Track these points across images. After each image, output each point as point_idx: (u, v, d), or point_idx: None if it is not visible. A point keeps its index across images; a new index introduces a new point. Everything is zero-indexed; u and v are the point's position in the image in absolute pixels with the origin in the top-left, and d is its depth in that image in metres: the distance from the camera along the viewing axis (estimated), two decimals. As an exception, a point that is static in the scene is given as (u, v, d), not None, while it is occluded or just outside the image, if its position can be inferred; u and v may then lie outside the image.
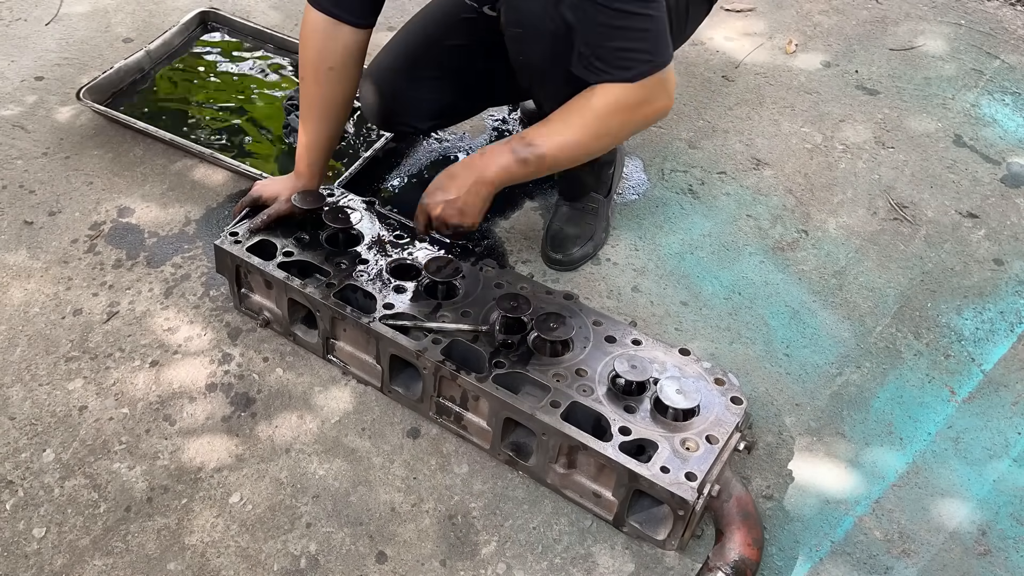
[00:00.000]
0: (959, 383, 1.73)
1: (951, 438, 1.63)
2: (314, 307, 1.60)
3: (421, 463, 1.54)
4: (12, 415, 1.57)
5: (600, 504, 1.45)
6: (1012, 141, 2.28)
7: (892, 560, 1.46)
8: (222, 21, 2.38)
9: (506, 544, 1.44)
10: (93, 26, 2.44)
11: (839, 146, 2.23)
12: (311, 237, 1.68)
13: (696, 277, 1.88)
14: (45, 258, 1.83)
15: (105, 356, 1.66)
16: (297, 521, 1.45)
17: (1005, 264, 1.97)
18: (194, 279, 1.80)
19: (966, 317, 1.85)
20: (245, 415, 1.59)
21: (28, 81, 2.25)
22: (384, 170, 2.07)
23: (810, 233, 2.00)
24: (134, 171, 2.03)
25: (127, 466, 1.51)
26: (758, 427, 1.62)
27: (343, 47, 1.62)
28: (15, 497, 1.46)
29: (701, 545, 1.44)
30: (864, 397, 1.69)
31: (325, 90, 1.65)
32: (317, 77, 1.64)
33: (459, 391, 1.51)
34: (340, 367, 1.66)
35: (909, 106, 2.36)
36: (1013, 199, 2.12)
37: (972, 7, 2.75)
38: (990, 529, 1.50)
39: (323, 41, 1.61)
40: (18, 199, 1.95)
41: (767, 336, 1.78)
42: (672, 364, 1.50)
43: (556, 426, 1.39)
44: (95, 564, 1.38)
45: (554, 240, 1.88)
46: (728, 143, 2.19)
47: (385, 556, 1.42)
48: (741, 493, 1.40)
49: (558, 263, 1.87)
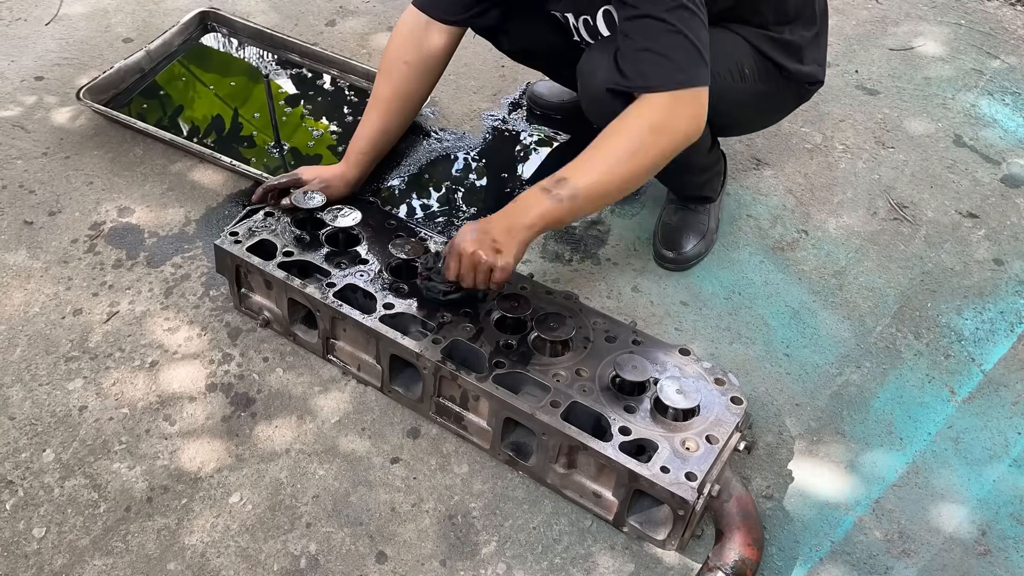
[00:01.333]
0: (959, 383, 1.73)
1: (951, 438, 1.63)
2: (314, 307, 1.60)
3: (421, 463, 1.54)
4: (12, 415, 1.57)
5: (600, 504, 1.45)
6: (1012, 141, 2.28)
7: (892, 560, 1.46)
8: (222, 21, 2.38)
9: (506, 544, 1.44)
10: (93, 26, 2.44)
11: (839, 146, 2.23)
12: (311, 237, 1.68)
13: (696, 277, 1.88)
14: (45, 258, 1.83)
15: (105, 356, 1.66)
16: (297, 521, 1.45)
17: (1005, 264, 1.97)
18: (194, 279, 1.80)
19: (966, 317, 1.85)
20: (245, 415, 1.59)
21: (28, 81, 2.25)
22: (384, 170, 2.06)
23: (810, 233, 2.00)
24: (134, 171, 2.03)
25: (127, 466, 1.51)
26: (758, 427, 1.62)
27: (425, 45, 1.66)
28: (15, 497, 1.46)
29: (701, 545, 1.44)
30: (864, 397, 1.69)
31: (395, 83, 1.68)
32: (390, 69, 1.67)
33: (459, 391, 1.51)
34: (340, 367, 1.66)
35: (909, 106, 2.36)
36: (1013, 199, 2.12)
37: (972, 7, 2.75)
38: (990, 529, 1.50)
39: (408, 36, 1.66)
40: (18, 199, 1.95)
41: (767, 336, 1.78)
42: (672, 364, 1.50)
43: (556, 426, 1.39)
44: (95, 564, 1.38)
45: (667, 238, 1.87)
46: (728, 143, 2.18)
47: (385, 556, 1.42)
48: (741, 493, 1.40)
49: (671, 261, 1.86)
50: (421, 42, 1.68)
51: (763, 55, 1.62)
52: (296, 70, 2.31)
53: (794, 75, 1.67)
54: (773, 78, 1.66)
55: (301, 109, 2.20)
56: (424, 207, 2.00)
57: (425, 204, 2.01)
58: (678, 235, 1.87)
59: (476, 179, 2.09)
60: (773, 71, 1.65)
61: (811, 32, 1.67)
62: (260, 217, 1.72)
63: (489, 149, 2.16)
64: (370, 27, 2.50)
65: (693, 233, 1.87)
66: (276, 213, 1.73)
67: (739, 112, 1.72)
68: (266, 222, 1.71)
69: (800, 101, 1.79)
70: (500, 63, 2.37)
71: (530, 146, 2.18)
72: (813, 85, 1.74)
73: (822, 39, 1.72)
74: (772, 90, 1.68)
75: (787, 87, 1.70)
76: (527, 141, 2.20)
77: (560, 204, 1.42)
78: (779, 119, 1.89)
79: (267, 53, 2.34)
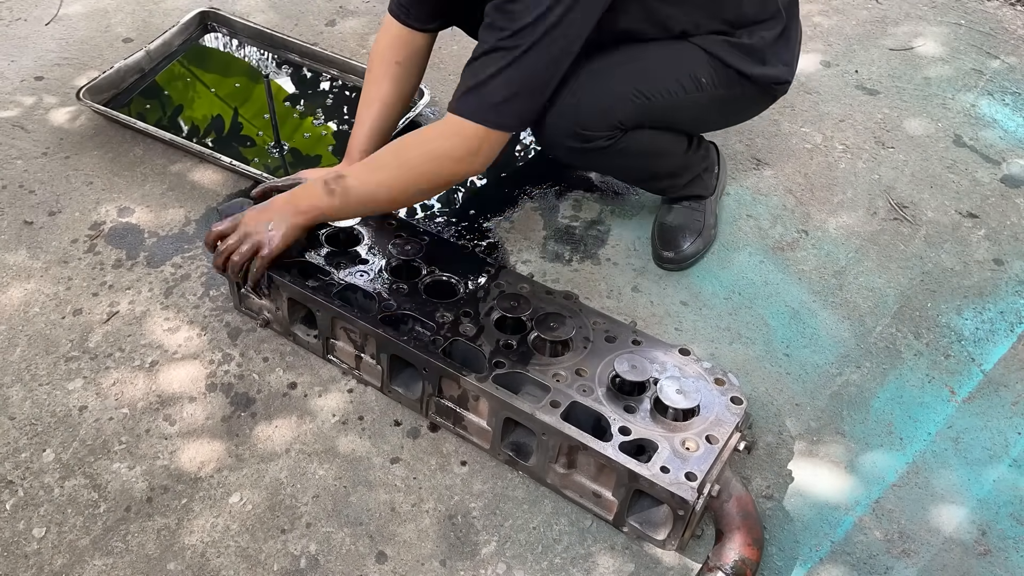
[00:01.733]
0: (959, 383, 1.73)
1: (951, 438, 1.63)
2: (314, 307, 1.60)
3: (421, 463, 1.54)
4: (12, 415, 1.57)
5: (600, 504, 1.45)
6: (1012, 141, 2.28)
7: (892, 560, 1.46)
8: (222, 21, 2.38)
9: (506, 544, 1.44)
10: (93, 26, 2.44)
11: (839, 146, 2.23)
12: (311, 237, 1.68)
13: (696, 277, 1.88)
14: (45, 258, 1.83)
15: (105, 356, 1.66)
16: (297, 521, 1.45)
17: (1005, 264, 1.97)
18: (194, 279, 1.80)
19: (966, 317, 1.85)
20: (245, 415, 1.59)
21: (28, 81, 2.25)
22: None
23: (810, 233, 2.00)
24: (134, 171, 2.03)
25: (127, 466, 1.51)
26: (758, 427, 1.62)
27: (412, 45, 1.75)
28: (15, 497, 1.46)
29: (701, 545, 1.44)
30: (864, 397, 1.69)
31: (392, 83, 1.76)
32: (384, 71, 1.76)
33: (459, 391, 1.51)
34: (340, 367, 1.66)
35: (909, 106, 2.36)
36: (1013, 199, 2.12)
37: (972, 7, 2.75)
38: (990, 529, 1.50)
39: (395, 37, 1.75)
40: (18, 199, 1.95)
41: (767, 336, 1.78)
42: (672, 364, 1.50)
43: (556, 426, 1.39)
44: (95, 564, 1.38)
45: (664, 237, 1.87)
46: (728, 143, 2.18)
47: (385, 556, 1.42)
48: (741, 493, 1.40)
49: (670, 261, 1.86)
50: (408, 43, 1.76)
51: (722, 62, 1.61)
52: (296, 70, 2.31)
53: (757, 78, 1.65)
54: (734, 83, 1.64)
55: (301, 109, 2.20)
56: (424, 207, 2.00)
57: (425, 204, 2.01)
58: (675, 234, 1.87)
59: (476, 179, 2.09)
60: (734, 76, 1.63)
61: (774, 32, 1.64)
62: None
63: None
64: (370, 27, 2.50)
65: (690, 231, 1.87)
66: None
67: (700, 119, 1.74)
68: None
69: (771, 100, 1.77)
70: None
71: (530, 146, 2.18)
72: (780, 85, 1.72)
73: (790, 35, 1.69)
74: (735, 95, 1.67)
75: (751, 90, 1.69)
76: (526, 140, 2.20)
77: (332, 200, 1.53)
78: (752, 116, 1.86)
79: (267, 53, 2.34)
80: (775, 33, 1.65)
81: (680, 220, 1.88)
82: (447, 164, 1.50)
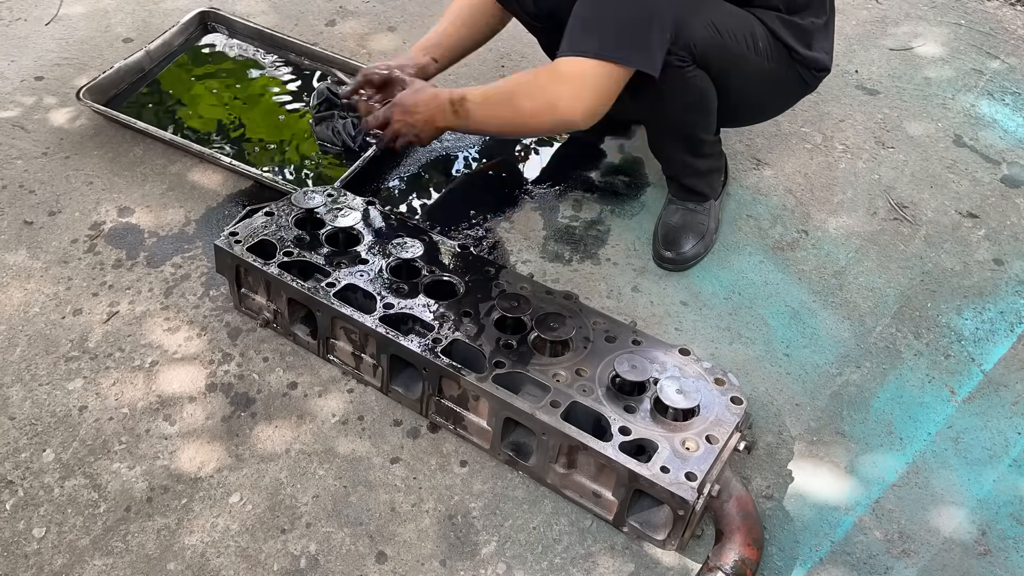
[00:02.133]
0: (959, 383, 1.73)
1: (951, 438, 1.63)
2: (314, 307, 1.60)
3: (421, 463, 1.54)
4: (12, 415, 1.57)
5: (600, 504, 1.45)
6: (1012, 141, 2.28)
7: (892, 560, 1.46)
8: (222, 21, 2.38)
9: (506, 544, 1.44)
10: (93, 26, 2.44)
11: (839, 146, 2.23)
12: (311, 237, 1.68)
13: (696, 277, 1.88)
14: (45, 258, 1.83)
15: (105, 356, 1.66)
16: (297, 521, 1.45)
17: (1005, 264, 1.97)
18: (194, 279, 1.80)
19: (966, 317, 1.85)
20: (245, 415, 1.59)
21: (28, 81, 2.25)
22: (384, 170, 2.07)
23: (810, 233, 2.00)
24: (134, 171, 2.03)
25: (127, 466, 1.51)
26: (758, 427, 1.62)
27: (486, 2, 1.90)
28: (15, 497, 1.46)
29: (701, 545, 1.44)
30: (864, 397, 1.69)
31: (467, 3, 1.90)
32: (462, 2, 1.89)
33: (459, 391, 1.51)
34: (340, 367, 1.66)
35: (909, 106, 2.36)
36: (1013, 199, 2.12)
37: (972, 7, 2.75)
38: (990, 529, 1.50)
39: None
40: (18, 199, 1.95)
41: (767, 336, 1.78)
42: (672, 364, 1.50)
43: (556, 426, 1.39)
44: (95, 564, 1.38)
45: (666, 237, 1.89)
46: (728, 143, 2.18)
47: (385, 556, 1.42)
48: (741, 493, 1.40)
49: (670, 261, 1.87)
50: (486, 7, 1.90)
51: (775, 36, 1.69)
52: (296, 70, 2.30)
53: (803, 59, 1.73)
54: (783, 59, 1.71)
55: (301, 109, 2.20)
56: (424, 207, 2.00)
57: (425, 204, 2.01)
58: (677, 235, 1.87)
59: (476, 179, 2.09)
60: (784, 52, 1.71)
61: (821, 20, 1.75)
62: (260, 217, 1.72)
63: (489, 149, 2.16)
64: (370, 27, 2.50)
65: (692, 233, 1.87)
66: (275, 212, 1.73)
67: (747, 88, 1.74)
68: (266, 222, 1.71)
69: (805, 90, 1.83)
70: (500, 63, 2.37)
71: (530, 145, 2.18)
72: (820, 72, 1.79)
73: (830, 29, 1.79)
74: (781, 70, 1.73)
75: (795, 70, 1.75)
76: (527, 140, 2.20)
77: (458, 120, 1.72)
78: (782, 108, 1.91)
79: (267, 53, 2.34)
80: (822, 21, 1.75)
81: (684, 222, 1.89)
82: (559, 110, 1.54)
